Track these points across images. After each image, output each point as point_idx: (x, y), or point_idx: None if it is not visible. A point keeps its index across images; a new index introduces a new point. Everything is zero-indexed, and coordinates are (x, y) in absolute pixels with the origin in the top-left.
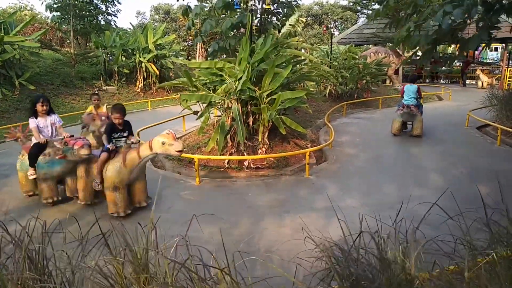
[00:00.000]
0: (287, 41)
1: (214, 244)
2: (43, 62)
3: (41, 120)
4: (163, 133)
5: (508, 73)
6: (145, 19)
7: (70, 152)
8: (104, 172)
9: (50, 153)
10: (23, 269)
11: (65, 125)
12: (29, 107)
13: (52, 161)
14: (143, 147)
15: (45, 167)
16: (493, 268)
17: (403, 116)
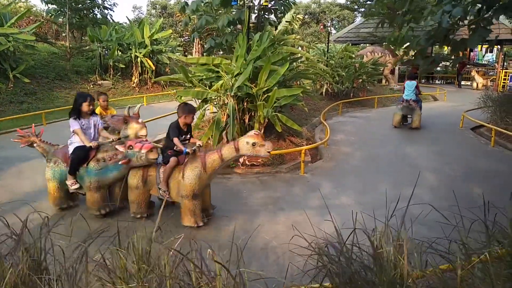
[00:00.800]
0: (283, 38)
1: (209, 241)
2: (38, 55)
3: (85, 122)
4: (250, 133)
5: (502, 75)
6: (141, 14)
7: (135, 157)
8: (180, 179)
9: (104, 158)
10: (22, 262)
11: (59, 119)
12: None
13: (106, 167)
14: (226, 148)
15: (98, 175)
16: (486, 267)
17: (402, 110)
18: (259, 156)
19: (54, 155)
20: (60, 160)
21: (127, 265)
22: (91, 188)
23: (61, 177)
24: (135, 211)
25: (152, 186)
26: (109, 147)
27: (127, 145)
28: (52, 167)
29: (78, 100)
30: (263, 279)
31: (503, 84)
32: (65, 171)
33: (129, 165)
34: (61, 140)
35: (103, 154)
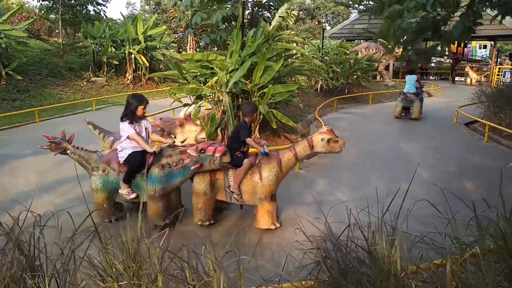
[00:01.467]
0: (278, 34)
1: (204, 237)
2: (31, 52)
3: (136, 126)
4: (322, 129)
5: (496, 71)
6: (135, 10)
7: (208, 161)
8: (257, 181)
9: (168, 163)
10: (13, 260)
11: (53, 116)
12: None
13: (171, 173)
14: (300, 146)
15: (163, 181)
16: (478, 261)
17: (402, 102)
18: (332, 152)
19: (102, 162)
20: (110, 168)
21: (116, 263)
22: (156, 197)
23: (112, 187)
24: (202, 218)
25: (219, 191)
26: (173, 152)
27: (198, 149)
28: (100, 175)
29: (133, 103)
30: (259, 273)
31: (497, 79)
32: (116, 180)
33: (194, 171)
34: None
35: (167, 159)
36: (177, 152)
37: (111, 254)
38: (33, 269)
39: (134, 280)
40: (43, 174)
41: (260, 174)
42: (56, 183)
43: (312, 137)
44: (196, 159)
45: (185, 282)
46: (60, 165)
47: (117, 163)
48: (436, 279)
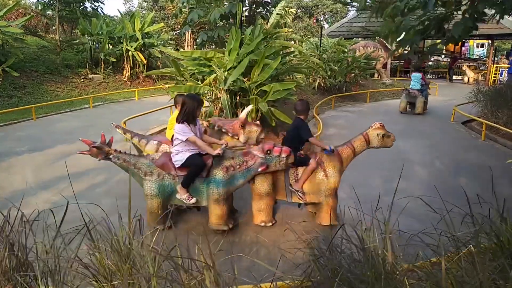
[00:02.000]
0: (276, 31)
1: (200, 234)
2: (28, 49)
3: (192, 127)
4: (375, 125)
5: (493, 69)
6: (132, 7)
7: (274, 162)
8: (323, 179)
9: (232, 166)
10: (4, 259)
11: (49, 113)
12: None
13: (234, 175)
14: (358, 142)
15: (227, 184)
16: (473, 259)
17: (406, 97)
18: (384, 147)
19: (155, 166)
20: (166, 173)
21: (108, 263)
22: (220, 201)
23: (168, 192)
24: (265, 219)
25: (279, 191)
26: (235, 154)
27: (265, 150)
28: (156, 181)
29: (190, 104)
30: (251, 273)
31: (494, 78)
32: (172, 185)
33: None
34: (52, 136)
35: (230, 161)
36: (240, 154)
37: (104, 254)
38: (23, 268)
39: (127, 280)
40: (39, 172)
41: (325, 172)
42: (52, 181)
43: (367, 133)
44: (263, 160)
45: (178, 282)
46: (56, 162)
47: (172, 167)
48: (431, 277)
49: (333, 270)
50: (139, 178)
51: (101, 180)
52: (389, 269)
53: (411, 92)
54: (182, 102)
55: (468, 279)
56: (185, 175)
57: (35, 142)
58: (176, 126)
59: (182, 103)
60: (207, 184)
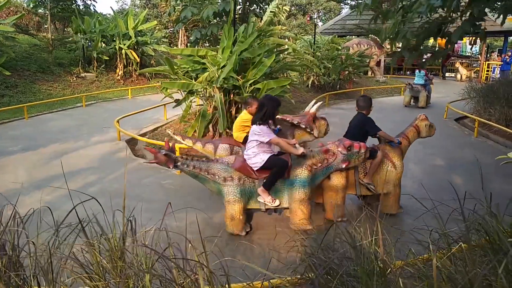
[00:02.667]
0: (269, 29)
1: (194, 233)
2: (19, 47)
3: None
4: (422, 116)
5: (486, 66)
6: (125, 5)
7: (354, 158)
8: (391, 170)
9: (314, 164)
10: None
11: (42, 112)
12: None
13: (316, 174)
14: (411, 133)
15: (311, 183)
16: (463, 256)
17: (410, 92)
18: (429, 136)
19: (233, 170)
20: (245, 176)
21: (102, 261)
22: (306, 200)
23: (249, 196)
24: (341, 214)
25: (349, 185)
26: (314, 152)
27: (346, 146)
28: (237, 185)
29: (270, 105)
30: (244, 272)
31: (486, 75)
32: (253, 188)
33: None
34: (45, 135)
35: (312, 160)
36: (319, 152)
37: (98, 252)
38: (15, 267)
39: (121, 278)
40: (32, 171)
41: (393, 163)
42: (45, 180)
43: (417, 124)
44: (344, 157)
45: (172, 281)
46: (49, 162)
47: (251, 170)
48: (422, 274)
49: (325, 268)
50: (212, 184)
51: (95, 179)
52: (381, 266)
53: (414, 87)
54: (261, 104)
55: (458, 276)
56: (268, 177)
57: (28, 141)
58: (255, 127)
59: (260, 105)
60: (290, 185)
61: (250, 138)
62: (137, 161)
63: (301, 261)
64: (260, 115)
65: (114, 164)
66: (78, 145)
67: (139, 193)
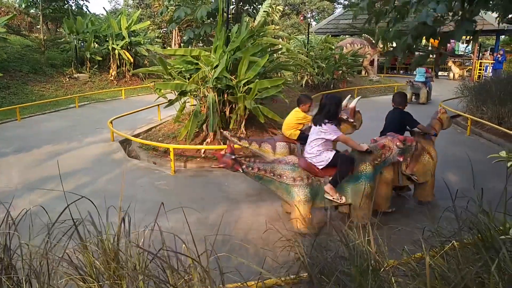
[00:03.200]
0: (262, 29)
1: (188, 234)
2: (11, 48)
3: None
4: (441, 111)
5: (478, 65)
6: (118, 5)
7: (407, 151)
8: (429, 160)
9: (374, 159)
10: None
11: (34, 113)
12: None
13: (376, 168)
14: (437, 125)
15: (373, 178)
16: (456, 254)
17: (411, 89)
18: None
19: (301, 169)
20: (312, 175)
21: (96, 262)
22: (371, 195)
23: (316, 194)
24: (389, 204)
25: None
26: (372, 147)
27: (402, 140)
28: (307, 184)
29: (334, 104)
30: (238, 271)
31: (479, 74)
32: (319, 187)
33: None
34: (38, 136)
35: (372, 155)
36: (376, 147)
37: (91, 253)
38: (8, 270)
39: (114, 279)
40: (25, 173)
41: (429, 154)
42: (38, 182)
43: (440, 117)
44: (401, 150)
45: (166, 282)
46: (42, 163)
47: (316, 169)
48: (415, 273)
49: (319, 267)
50: (279, 186)
51: (88, 181)
52: (374, 264)
53: (415, 84)
54: (323, 104)
55: (451, 274)
56: (335, 174)
57: (20, 142)
58: (323, 126)
59: (323, 104)
60: (356, 181)
61: (315, 136)
62: (130, 162)
63: (295, 260)
64: (324, 115)
65: (107, 165)
66: (71, 146)
67: (133, 194)
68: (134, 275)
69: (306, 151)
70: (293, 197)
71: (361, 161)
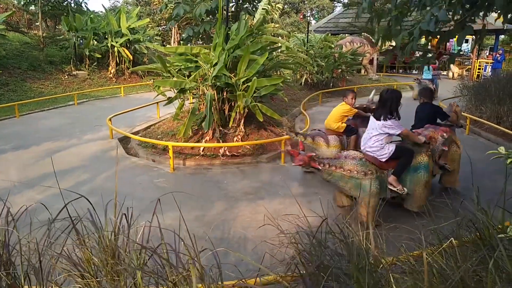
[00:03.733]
0: (262, 27)
1: (187, 231)
2: (10, 45)
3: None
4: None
5: (477, 65)
6: (117, 2)
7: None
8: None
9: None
10: None
11: (33, 110)
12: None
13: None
14: (454, 118)
15: (429, 169)
16: (454, 252)
17: (418, 86)
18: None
19: (370, 164)
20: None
21: (94, 259)
22: (428, 184)
23: (382, 187)
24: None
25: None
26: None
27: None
28: (377, 177)
29: (395, 99)
30: (236, 267)
31: (478, 73)
32: (383, 179)
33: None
34: (37, 133)
35: (427, 146)
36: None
37: (89, 249)
38: (7, 266)
39: (112, 275)
40: (24, 170)
41: (457, 145)
42: (37, 179)
43: (455, 110)
44: (445, 141)
45: (164, 278)
46: (41, 160)
47: (379, 162)
48: (413, 270)
49: (317, 264)
50: (348, 180)
51: (87, 178)
52: (372, 262)
53: (422, 81)
54: (385, 99)
55: (450, 272)
56: (398, 166)
57: (19, 140)
58: (387, 121)
59: (384, 100)
60: (414, 171)
61: (378, 131)
62: (129, 159)
63: (292, 258)
64: (386, 110)
65: (106, 162)
66: (70, 144)
67: (131, 191)
68: (132, 271)
69: (365, 145)
70: (364, 191)
71: (418, 152)
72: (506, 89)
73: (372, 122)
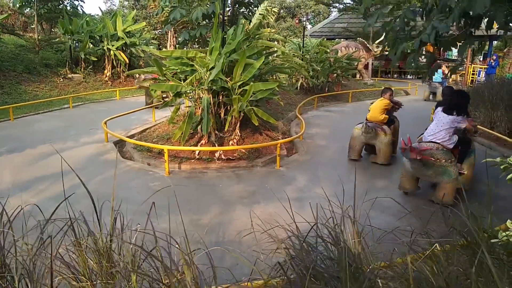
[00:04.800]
0: (258, 31)
1: (181, 235)
2: (5, 48)
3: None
4: None
5: (471, 70)
6: (114, 6)
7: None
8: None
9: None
10: None
11: (28, 113)
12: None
13: None
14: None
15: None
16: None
17: (429, 88)
18: None
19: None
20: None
21: (89, 261)
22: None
23: None
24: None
25: None
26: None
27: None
28: (455, 164)
29: (466, 100)
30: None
31: (472, 79)
32: None
33: None
34: (31, 136)
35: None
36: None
37: (84, 252)
38: (2, 269)
39: (107, 279)
40: (18, 173)
41: None
42: (31, 182)
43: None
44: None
45: (158, 281)
46: (36, 163)
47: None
48: (400, 275)
49: (307, 268)
50: (435, 169)
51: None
52: (361, 266)
53: (432, 84)
54: (459, 100)
55: (438, 277)
56: (461, 152)
57: (13, 142)
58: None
59: (458, 100)
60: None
61: (449, 124)
62: (124, 163)
63: (284, 262)
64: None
65: (101, 165)
66: (65, 147)
67: (126, 195)
68: (127, 273)
69: (435, 136)
70: (450, 176)
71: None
72: (499, 94)
73: (442, 117)
